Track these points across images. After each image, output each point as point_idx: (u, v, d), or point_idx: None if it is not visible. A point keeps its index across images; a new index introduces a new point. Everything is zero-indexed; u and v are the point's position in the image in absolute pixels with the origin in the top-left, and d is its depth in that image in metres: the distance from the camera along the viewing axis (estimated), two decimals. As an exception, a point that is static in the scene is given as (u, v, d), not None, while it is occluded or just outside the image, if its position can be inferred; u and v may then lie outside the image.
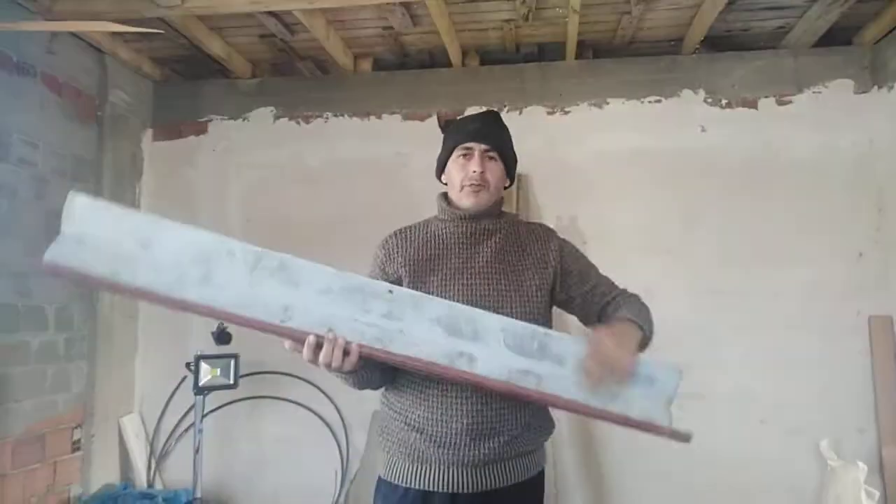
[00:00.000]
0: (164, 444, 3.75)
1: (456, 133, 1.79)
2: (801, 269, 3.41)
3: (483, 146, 1.74)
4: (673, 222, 3.53)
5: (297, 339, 1.47)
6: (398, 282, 1.71)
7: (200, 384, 3.22)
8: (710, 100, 3.59)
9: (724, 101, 3.57)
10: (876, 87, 3.44)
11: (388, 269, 1.74)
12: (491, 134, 1.76)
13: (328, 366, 1.48)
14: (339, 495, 3.59)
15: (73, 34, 3.31)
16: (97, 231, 1.44)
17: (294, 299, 1.49)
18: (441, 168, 1.84)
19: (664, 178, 3.56)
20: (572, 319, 1.89)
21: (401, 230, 1.82)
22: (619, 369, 1.51)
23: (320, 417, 3.67)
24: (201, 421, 3.28)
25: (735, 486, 3.33)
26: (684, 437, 1.53)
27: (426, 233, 1.79)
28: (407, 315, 1.52)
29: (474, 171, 1.72)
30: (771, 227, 3.46)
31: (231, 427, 3.73)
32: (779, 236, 3.45)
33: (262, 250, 1.51)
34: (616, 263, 3.45)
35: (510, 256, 1.75)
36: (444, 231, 1.77)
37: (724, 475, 3.33)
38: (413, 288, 1.67)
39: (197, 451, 3.23)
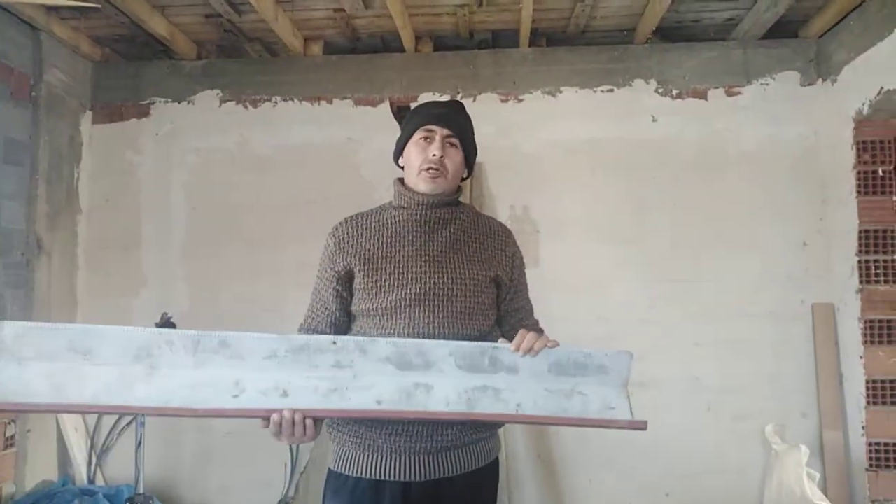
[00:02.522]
0: (106, 439, 3.62)
1: (419, 115, 1.75)
2: (747, 259, 3.48)
3: (445, 131, 1.70)
4: (624, 212, 3.55)
5: (250, 416, 1.51)
6: (349, 274, 1.69)
7: (143, 376, 3.10)
8: (661, 90, 3.61)
9: (674, 92, 3.61)
10: (821, 79, 3.52)
11: (337, 260, 1.70)
12: (455, 120, 1.73)
13: (288, 437, 1.50)
14: (289, 488, 3.53)
15: (3, 8, 3.13)
16: (33, 353, 1.47)
17: (243, 372, 1.52)
18: (399, 151, 1.79)
19: (616, 168, 3.58)
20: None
21: (351, 217, 1.77)
22: (543, 338, 1.58)
23: (269, 409, 3.59)
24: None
25: (683, 471, 3.40)
26: (641, 426, 1.55)
27: (379, 220, 1.75)
28: (356, 360, 1.54)
29: (434, 155, 1.68)
30: (719, 216, 3.51)
31: (177, 420, 3.61)
32: (727, 226, 3.51)
33: (200, 333, 1.53)
34: (568, 253, 3.54)
35: (466, 247, 1.73)
36: (398, 218, 1.73)
37: (672, 461, 3.39)
38: (366, 277, 1.65)
39: (139, 444, 3.12)
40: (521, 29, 3.48)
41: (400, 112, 3.66)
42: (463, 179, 1.82)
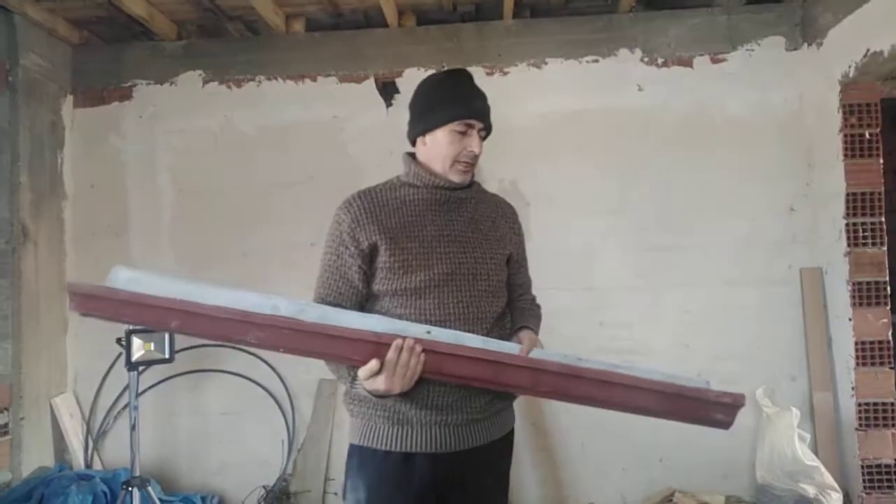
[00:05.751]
0: (102, 424, 3.63)
1: (457, 104, 1.67)
2: (735, 225, 3.49)
3: (481, 125, 1.70)
4: (612, 182, 3.55)
5: (362, 342, 1.51)
6: (374, 250, 1.65)
7: (133, 360, 3.08)
8: (646, 59, 3.59)
9: (660, 60, 3.59)
10: (806, 44, 3.51)
11: (359, 237, 1.64)
12: (488, 112, 1.73)
13: (402, 377, 1.51)
14: (287, 465, 3.55)
15: (-23, -7, 3.08)
16: None
17: None
18: (423, 132, 1.72)
19: (603, 139, 3.57)
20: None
21: (365, 192, 1.72)
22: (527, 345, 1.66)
23: (264, 388, 3.60)
24: (136, 398, 3.16)
25: (676, 436, 3.42)
26: (740, 399, 1.75)
27: (395, 197, 1.71)
28: None
29: (471, 151, 1.69)
30: (706, 183, 3.52)
31: (172, 402, 3.63)
32: (714, 193, 3.51)
33: (305, 303, 1.55)
34: (558, 225, 3.54)
35: (483, 226, 1.76)
36: (415, 197, 1.72)
37: (664, 426, 3.39)
38: (392, 256, 1.63)
39: (133, 428, 3.12)
40: (504, 0, 3.45)
41: (385, 88, 3.63)
42: None
